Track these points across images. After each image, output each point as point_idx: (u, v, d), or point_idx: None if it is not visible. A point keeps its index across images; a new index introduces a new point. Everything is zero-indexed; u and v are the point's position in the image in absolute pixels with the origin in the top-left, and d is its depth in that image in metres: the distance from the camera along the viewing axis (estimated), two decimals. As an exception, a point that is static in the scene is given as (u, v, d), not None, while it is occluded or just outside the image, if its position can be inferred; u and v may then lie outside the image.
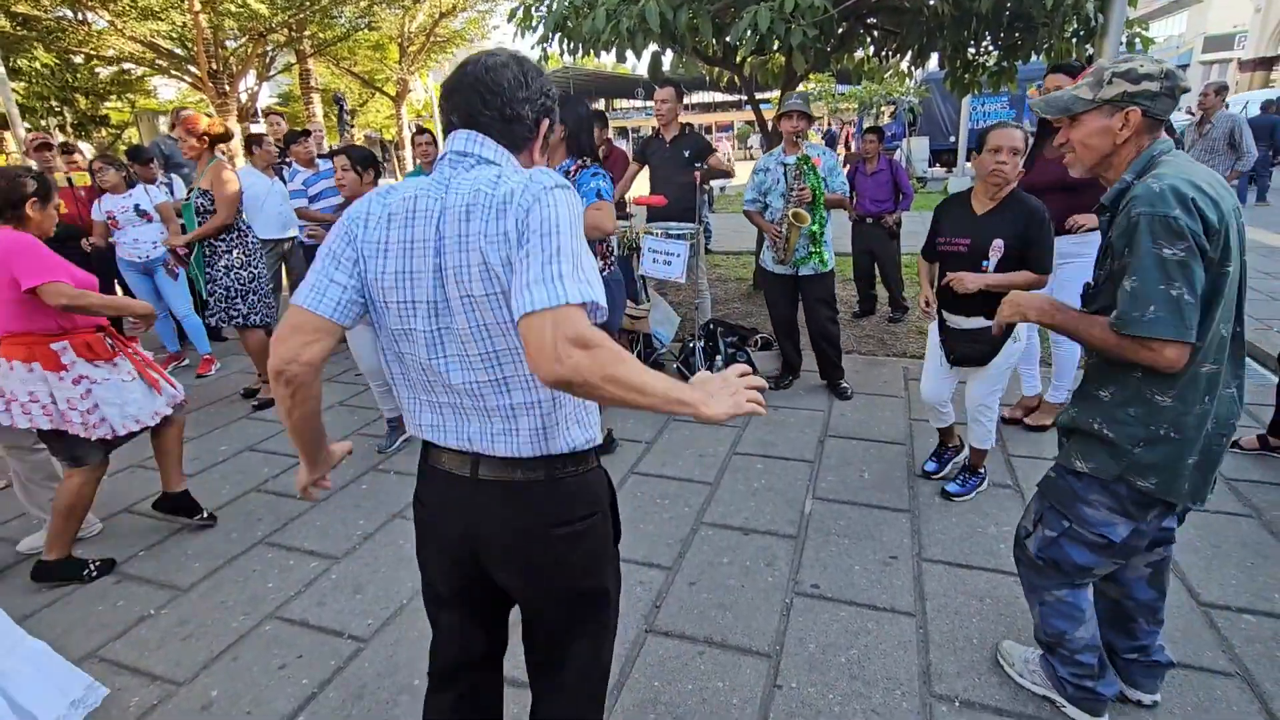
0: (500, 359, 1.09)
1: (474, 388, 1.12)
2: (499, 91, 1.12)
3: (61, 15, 12.92)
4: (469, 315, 1.07)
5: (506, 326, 1.06)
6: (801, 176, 3.63)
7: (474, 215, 1.04)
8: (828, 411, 3.79)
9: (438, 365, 1.12)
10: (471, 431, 1.15)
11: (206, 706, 1.92)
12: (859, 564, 2.45)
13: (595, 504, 1.23)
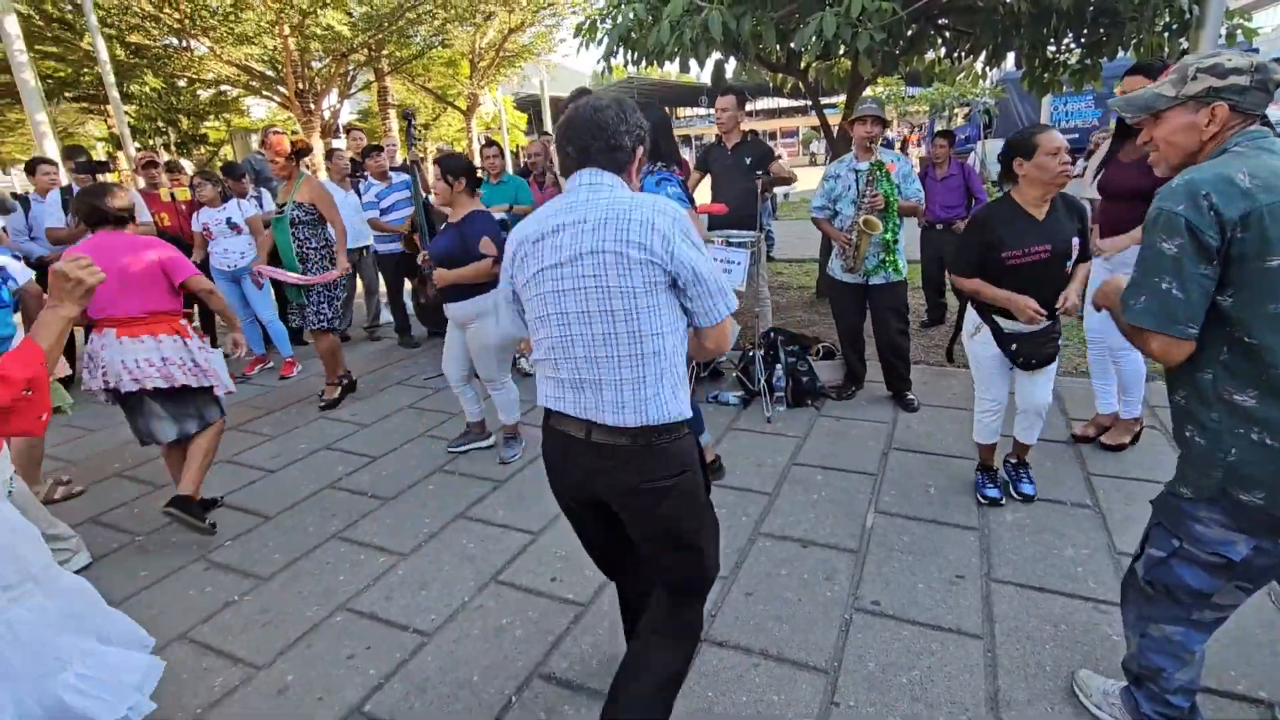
0: (614, 342, 1.41)
1: (591, 363, 1.44)
2: (605, 127, 1.45)
3: (168, 43, 14.05)
4: (603, 302, 1.39)
5: (631, 314, 1.38)
6: (874, 183, 3.54)
7: (608, 226, 1.38)
8: (892, 423, 3.68)
9: (565, 342, 1.45)
10: (585, 401, 1.46)
11: (283, 690, 2.04)
12: (923, 582, 2.36)
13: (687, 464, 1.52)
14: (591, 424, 1.47)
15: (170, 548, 2.86)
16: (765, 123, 39.62)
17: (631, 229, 1.36)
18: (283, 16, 12.85)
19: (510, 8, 16.65)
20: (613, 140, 1.46)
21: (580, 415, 1.47)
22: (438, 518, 2.97)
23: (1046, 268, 2.52)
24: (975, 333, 2.74)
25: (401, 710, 1.93)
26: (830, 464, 3.26)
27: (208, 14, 12.48)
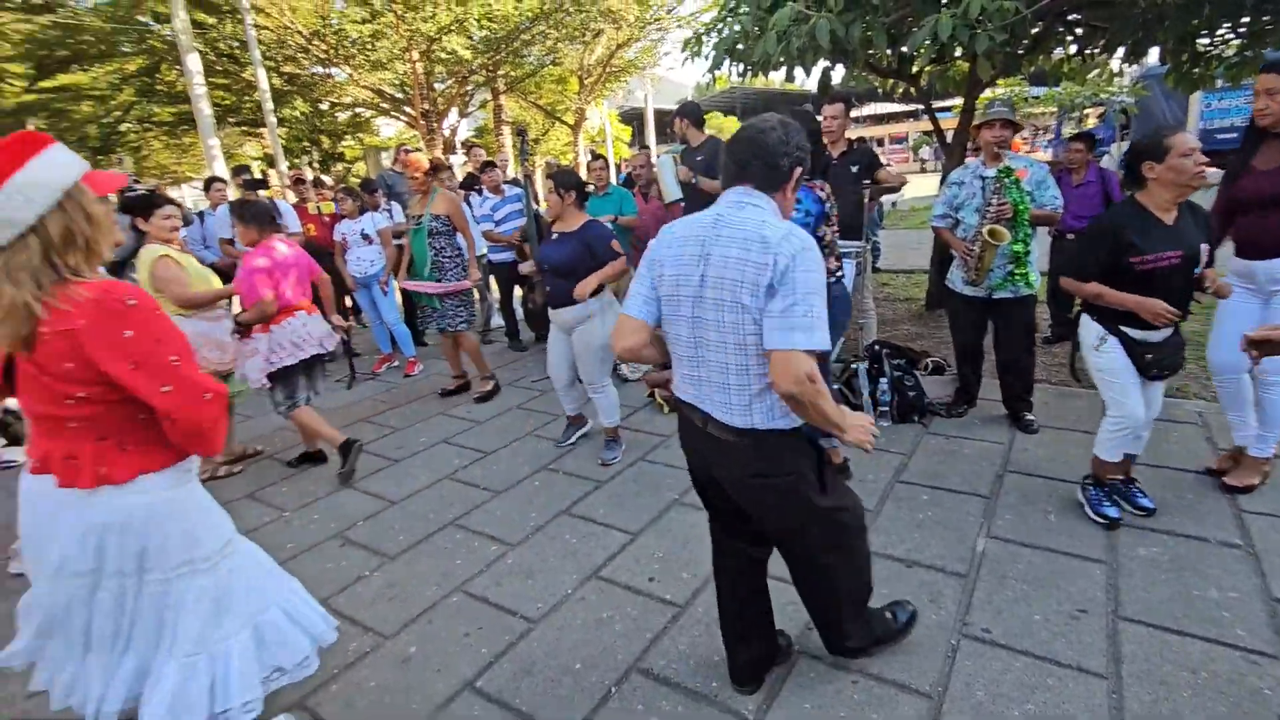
0: (726, 351, 1.57)
1: (709, 365, 1.62)
2: (766, 147, 1.58)
3: (315, 71, 15.59)
4: (719, 313, 1.56)
5: (740, 327, 1.53)
6: (1002, 190, 3.35)
7: (735, 243, 1.52)
8: (1008, 445, 3.48)
9: (689, 344, 1.65)
10: (701, 395, 1.66)
11: (406, 660, 2.23)
12: (1040, 613, 2.23)
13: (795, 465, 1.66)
14: (708, 416, 1.65)
15: (312, 525, 3.19)
16: (872, 129, 38.22)
17: (762, 251, 1.47)
18: (412, 43, 13.93)
19: (618, 25, 17.14)
20: (771, 160, 1.58)
21: (699, 405, 1.67)
22: (543, 512, 3.13)
23: (1176, 274, 2.42)
24: (1100, 344, 2.60)
25: (509, 689, 2.07)
26: (938, 484, 3.14)
27: (349, 44, 13.74)
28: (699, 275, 1.57)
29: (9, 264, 1.37)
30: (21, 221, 1.37)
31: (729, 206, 1.60)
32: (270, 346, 3.45)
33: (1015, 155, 3.49)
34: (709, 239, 1.57)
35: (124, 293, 1.43)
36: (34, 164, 1.38)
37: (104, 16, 13.03)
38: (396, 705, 2.04)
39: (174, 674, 1.59)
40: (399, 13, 13.12)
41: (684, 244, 1.63)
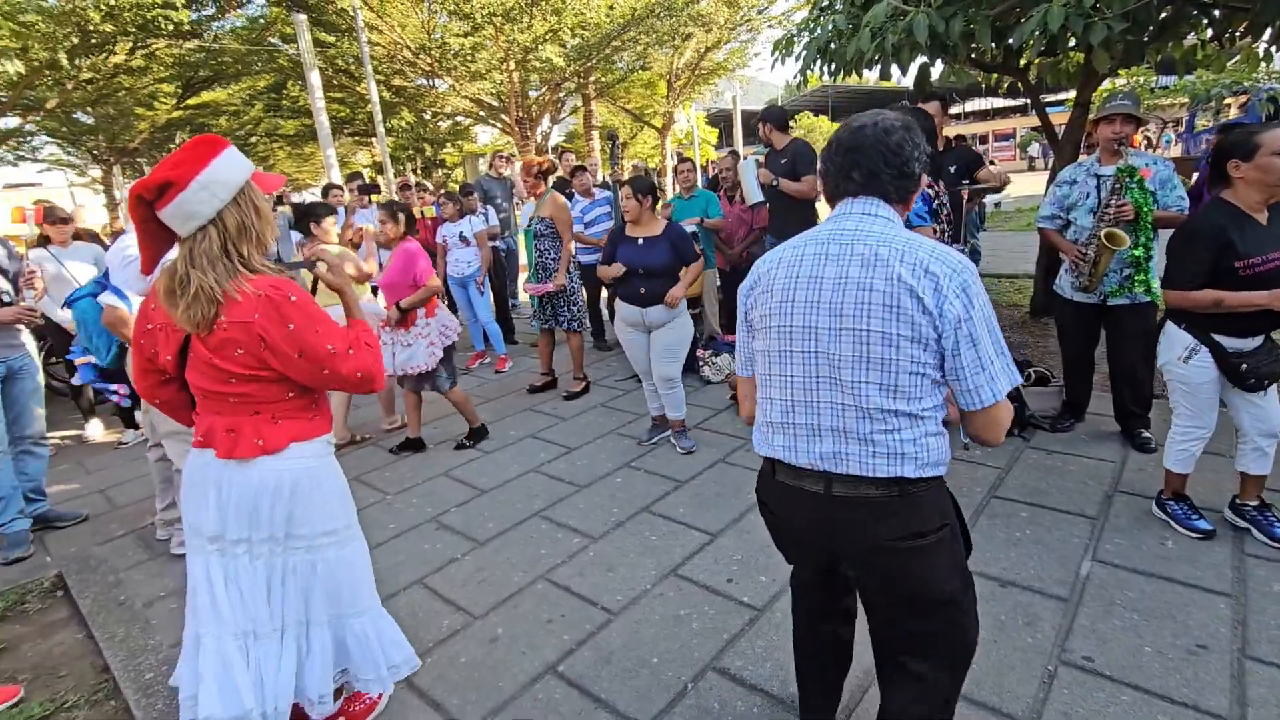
0: (868, 390, 1.28)
1: (837, 410, 1.32)
2: (897, 153, 1.33)
3: (420, 83, 16.54)
4: (859, 346, 1.28)
5: (893, 363, 1.26)
6: (1122, 190, 3.10)
7: (879, 264, 1.26)
8: (1120, 463, 3.24)
9: (808, 384, 1.34)
10: (824, 450, 1.34)
11: (494, 640, 2.36)
12: (1151, 645, 2.08)
13: (944, 516, 1.39)
14: (831, 475, 1.33)
15: (411, 508, 3.42)
16: (975, 126, 36.18)
17: (905, 270, 1.24)
18: (509, 54, 14.52)
19: (708, 28, 17.13)
20: (904, 168, 1.34)
21: (816, 467, 1.34)
22: (624, 508, 3.21)
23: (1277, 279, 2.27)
24: (1189, 356, 2.46)
25: (589, 676, 2.14)
26: (1038, 501, 2.96)
27: (451, 57, 14.49)
28: (826, 302, 1.29)
29: (194, 252, 1.55)
30: (204, 214, 1.55)
31: (858, 220, 1.34)
32: (437, 330, 3.94)
33: (1138, 153, 3.24)
34: (840, 262, 1.30)
35: (287, 290, 1.60)
36: (215, 164, 1.56)
37: (240, 39, 14.39)
38: (484, 681, 2.16)
39: (313, 641, 1.79)
40: (498, 25, 13.71)
41: (801, 266, 1.35)
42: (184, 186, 1.52)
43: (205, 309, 1.54)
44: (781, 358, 1.36)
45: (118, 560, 3.14)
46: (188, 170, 1.53)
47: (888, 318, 1.24)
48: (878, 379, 1.27)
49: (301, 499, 1.71)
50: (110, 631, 2.55)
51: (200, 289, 1.53)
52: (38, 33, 10.84)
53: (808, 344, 1.32)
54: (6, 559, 3.19)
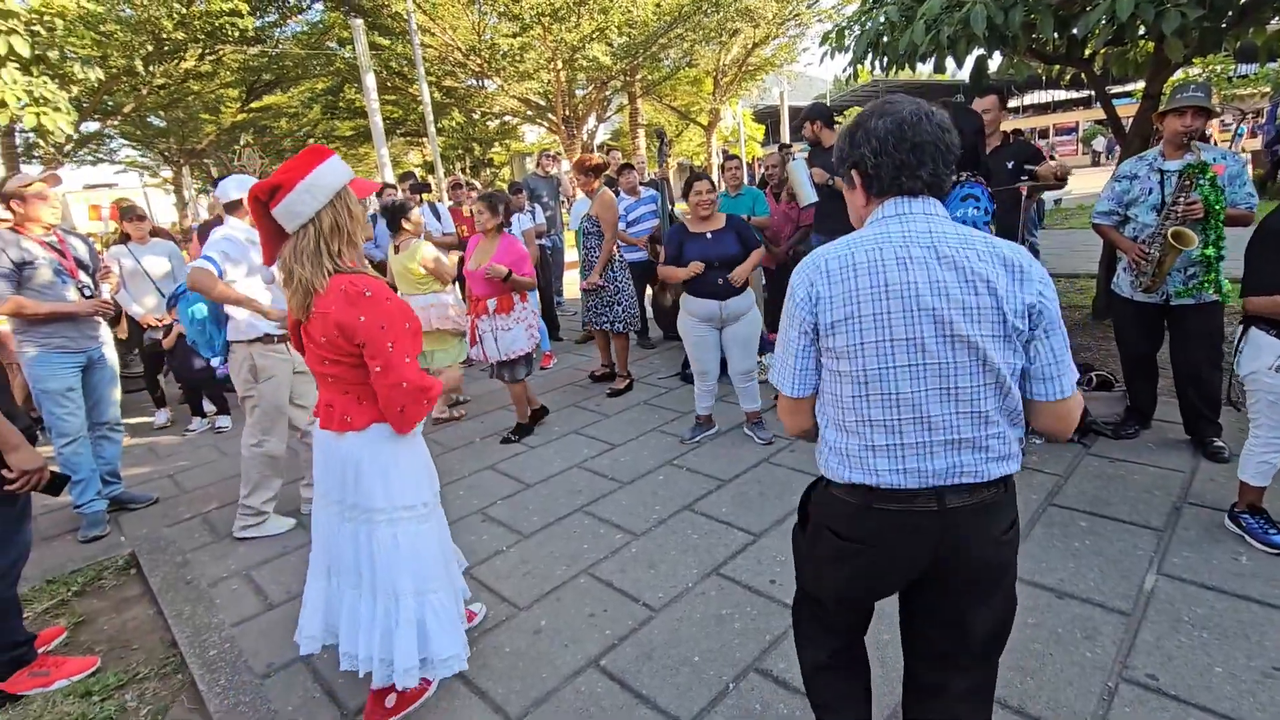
0: (984, 394, 1.25)
1: (950, 420, 1.26)
2: (952, 151, 1.29)
3: (470, 84, 16.86)
4: (967, 352, 1.23)
5: (994, 365, 1.23)
6: (1191, 187, 2.93)
7: (968, 266, 1.22)
8: (1190, 473, 3.08)
9: (917, 398, 1.25)
10: (937, 466, 1.27)
11: (538, 631, 2.39)
12: (1222, 666, 1.97)
13: None
14: (943, 490, 1.28)
15: (458, 500, 3.49)
16: (1035, 119, 34.78)
17: (990, 269, 1.21)
18: (557, 53, 14.66)
19: (755, 23, 16.94)
20: (952, 167, 1.30)
21: (927, 485, 1.27)
22: (666, 506, 3.21)
23: None
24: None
25: (630, 671, 2.16)
26: (1099, 510, 2.84)
27: (500, 57, 14.73)
28: (928, 309, 1.21)
29: (296, 247, 1.76)
30: (305, 214, 1.74)
31: (925, 221, 1.27)
32: (532, 313, 4.12)
33: (1207, 148, 3.07)
34: (921, 263, 1.23)
35: (363, 285, 1.75)
36: (319, 170, 1.75)
37: (300, 44, 14.94)
38: (528, 672, 2.19)
39: (401, 612, 1.91)
40: (546, 24, 13.86)
41: (875, 274, 1.24)
42: (290, 189, 1.72)
43: (303, 298, 1.76)
44: (883, 375, 1.25)
45: (185, 542, 3.30)
46: (295, 175, 1.73)
47: (995, 320, 1.22)
48: (993, 380, 1.24)
49: (379, 476, 1.87)
50: (178, 609, 2.70)
51: (299, 280, 1.75)
52: (116, 41, 11.48)
53: (914, 356, 1.23)
54: (85, 537, 3.40)
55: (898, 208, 1.30)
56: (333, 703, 2.14)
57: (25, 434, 2.22)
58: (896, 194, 1.30)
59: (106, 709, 2.20)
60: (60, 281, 3.27)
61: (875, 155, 1.29)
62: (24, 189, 3.16)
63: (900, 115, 1.27)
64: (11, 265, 3.09)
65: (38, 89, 6.41)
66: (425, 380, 1.83)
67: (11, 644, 2.27)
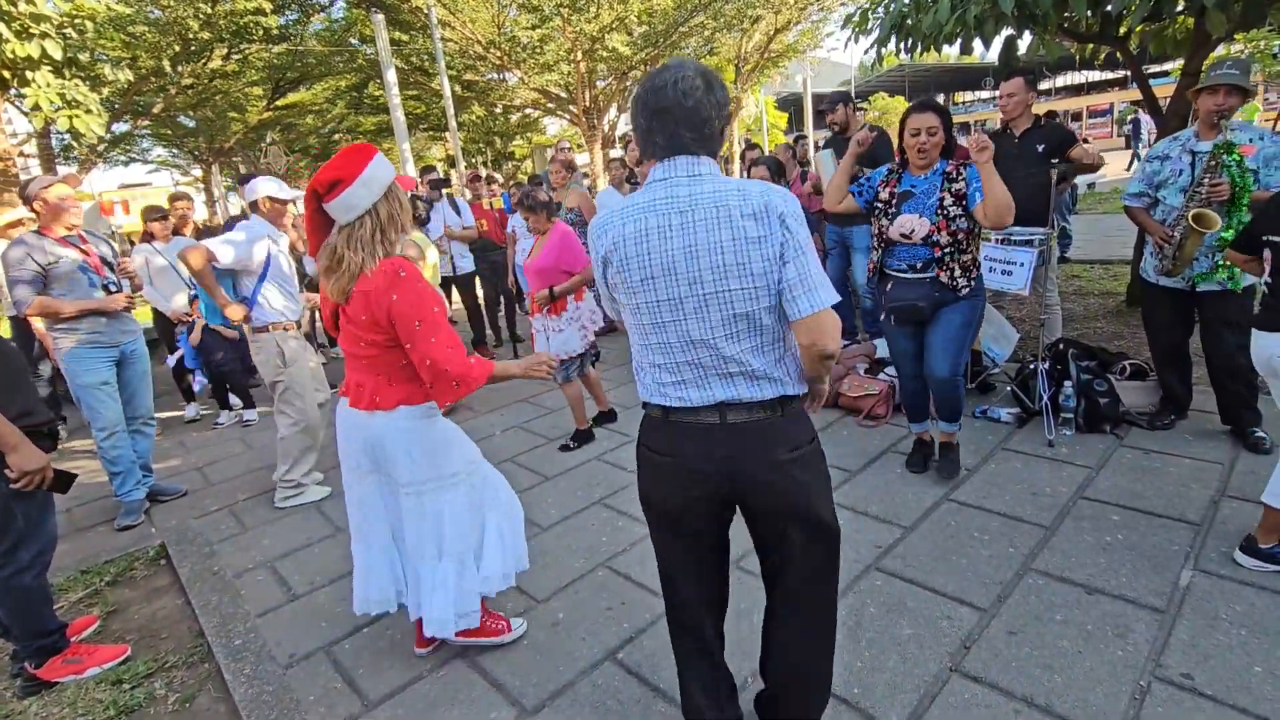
0: (740, 335, 1.41)
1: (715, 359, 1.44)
2: (697, 113, 1.37)
3: (490, 77, 16.88)
4: (722, 306, 1.39)
5: (756, 311, 1.39)
6: (1218, 168, 2.84)
7: (723, 222, 1.35)
8: (1229, 465, 2.97)
9: (686, 346, 1.44)
10: (715, 392, 1.45)
11: (555, 624, 2.39)
12: (1262, 665, 1.89)
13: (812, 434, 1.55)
14: (725, 405, 1.45)
15: (476, 492, 3.51)
16: (1068, 101, 33.78)
17: (757, 220, 1.35)
18: (577, 44, 14.60)
19: (777, 9, 16.67)
20: (705, 129, 1.40)
21: (709, 403, 1.45)
22: (685, 500, 3.19)
23: None
24: None
25: (648, 665, 2.14)
26: (1132, 504, 2.75)
27: (520, 49, 14.72)
28: (684, 272, 1.37)
29: (351, 236, 1.88)
30: (362, 206, 1.88)
31: (688, 183, 1.39)
32: (587, 314, 3.93)
33: (1245, 125, 2.93)
34: (689, 223, 1.37)
35: (399, 265, 1.88)
36: (372, 165, 1.88)
37: (323, 41, 15.08)
38: (545, 664, 2.19)
39: (449, 573, 2.07)
40: (565, 16, 13.80)
41: (639, 241, 1.41)
42: (350, 183, 1.84)
43: (348, 282, 1.88)
44: (656, 328, 1.48)
45: (212, 534, 3.37)
46: (352, 170, 1.85)
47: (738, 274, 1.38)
48: (745, 325, 1.43)
49: (404, 454, 1.99)
50: (205, 599, 2.75)
51: (349, 265, 1.87)
52: (145, 42, 11.71)
53: (675, 313, 1.44)
54: (121, 525, 3.49)
55: (659, 170, 1.43)
56: (354, 692, 2.17)
57: (48, 430, 2.27)
58: (648, 158, 1.45)
59: (136, 696, 2.26)
60: (88, 280, 3.35)
61: (633, 122, 1.46)
62: (44, 191, 3.23)
63: (646, 85, 1.41)
64: (38, 268, 3.17)
65: (70, 92, 6.55)
66: (455, 365, 1.86)
67: (44, 631, 2.33)
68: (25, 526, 2.19)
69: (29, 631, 2.30)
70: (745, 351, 1.42)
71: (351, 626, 2.49)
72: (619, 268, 1.45)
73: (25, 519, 2.19)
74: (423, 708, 2.07)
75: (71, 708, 2.23)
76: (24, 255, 3.15)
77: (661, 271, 1.39)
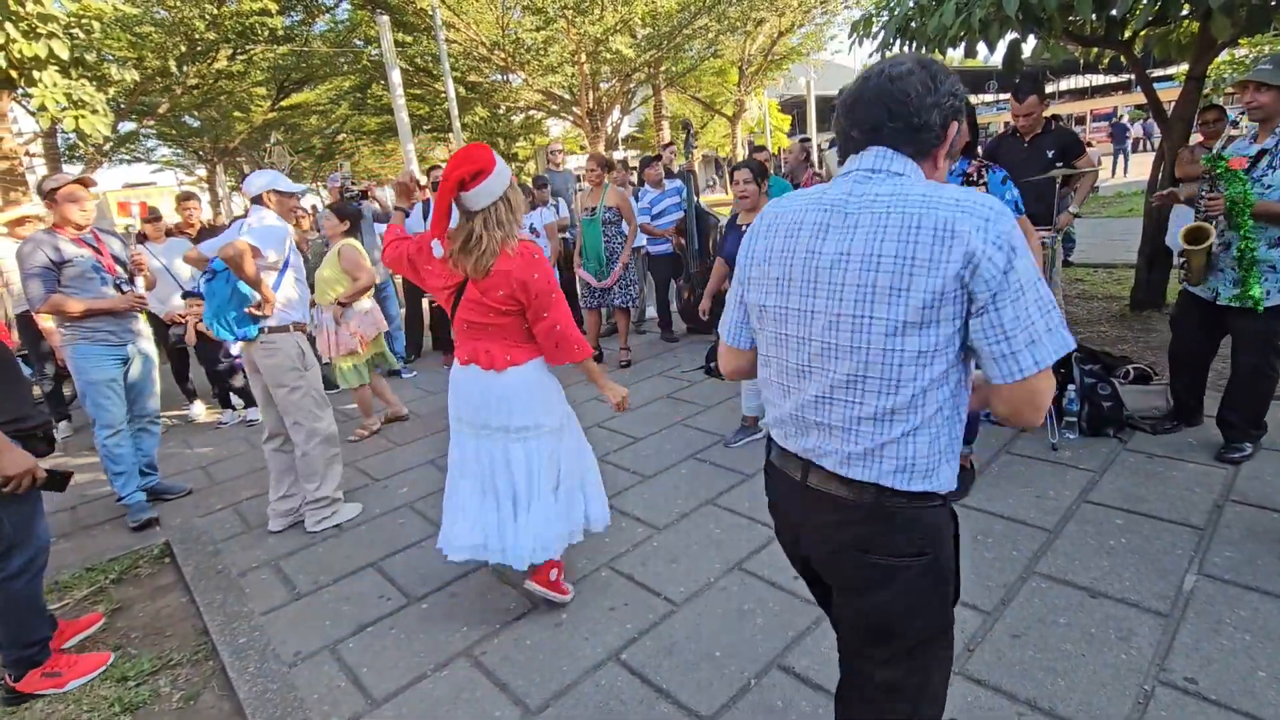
0: (864, 385, 1.11)
1: (824, 402, 1.16)
2: (905, 101, 1.10)
3: (494, 78, 16.92)
4: (852, 332, 1.10)
5: (892, 354, 1.07)
6: (1219, 182, 2.82)
7: (889, 235, 1.06)
8: (1233, 470, 2.96)
9: (801, 371, 1.19)
10: (807, 443, 1.21)
11: (558, 624, 2.40)
12: (1266, 670, 1.89)
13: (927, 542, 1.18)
14: (809, 464, 1.21)
15: (480, 493, 3.51)
16: (1070, 105, 33.73)
17: (921, 234, 1.03)
18: (580, 46, 14.63)
19: (781, 11, 16.70)
20: (915, 118, 1.11)
21: (799, 454, 1.24)
22: (689, 500, 3.19)
23: None
24: None
25: (651, 666, 2.15)
26: (1136, 508, 2.75)
27: (524, 51, 14.75)
28: (827, 282, 1.12)
29: (487, 220, 2.14)
30: (496, 193, 2.13)
31: (862, 179, 1.13)
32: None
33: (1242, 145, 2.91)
34: (843, 230, 1.11)
35: (534, 249, 2.24)
36: (499, 160, 2.16)
37: (328, 42, 15.13)
38: (548, 664, 2.20)
39: (562, 503, 2.42)
40: (569, 18, 13.83)
41: (790, 236, 1.18)
42: (490, 172, 2.10)
43: (488, 260, 2.14)
44: (778, 340, 1.27)
45: (216, 532, 3.38)
46: (489, 161, 2.11)
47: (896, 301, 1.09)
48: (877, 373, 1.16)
49: (525, 401, 2.33)
50: (209, 598, 2.76)
51: (489, 245, 2.13)
52: (151, 43, 11.76)
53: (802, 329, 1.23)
54: (138, 521, 3.46)
55: (850, 164, 1.19)
56: (358, 690, 2.17)
57: (42, 434, 2.25)
58: (843, 155, 1.22)
59: (141, 693, 2.26)
60: (100, 279, 3.35)
61: (836, 126, 1.23)
62: (56, 190, 3.23)
63: (851, 85, 1.20)
64: (50, 265, 3.17)
65: (76, 92, 6.58)
66: (575, 333, 2.32)
67: (27, 642, 2.26)
68: (14, 533, 2.15)
69: (12, 640, 2.25)
70: (860, 408, 1.12)
71: (356, 625, 2.50)
72: (761, 258, 1.22)
73: (14, 526, 2.15)
74: (427, 706, 2.07)
75: (76, 704, 2.24)
76: (36, 251, 3.16)
77: (801, 274, 1.15)
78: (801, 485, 1.24)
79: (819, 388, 1.16)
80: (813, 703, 1.95)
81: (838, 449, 1.16)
